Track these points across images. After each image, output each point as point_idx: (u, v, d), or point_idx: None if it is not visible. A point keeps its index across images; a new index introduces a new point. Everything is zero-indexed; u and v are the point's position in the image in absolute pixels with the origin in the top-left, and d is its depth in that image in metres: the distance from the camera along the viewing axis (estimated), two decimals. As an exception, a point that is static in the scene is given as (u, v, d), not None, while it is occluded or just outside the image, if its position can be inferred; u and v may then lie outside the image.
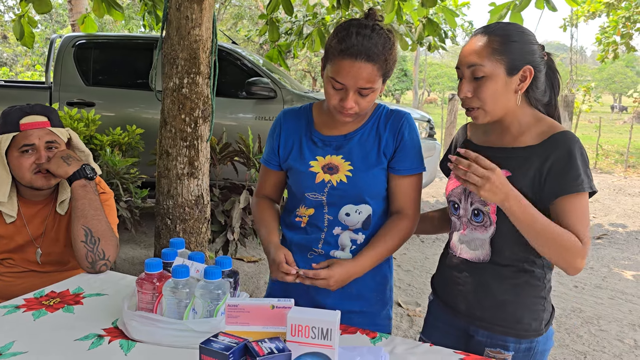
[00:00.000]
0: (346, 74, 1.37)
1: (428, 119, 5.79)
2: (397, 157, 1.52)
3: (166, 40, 2.93)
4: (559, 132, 1.33)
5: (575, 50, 19.22)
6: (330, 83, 1.42)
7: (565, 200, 1.30)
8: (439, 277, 1.60)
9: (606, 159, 12.20)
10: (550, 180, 1.31)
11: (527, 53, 1.33)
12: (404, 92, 34.75)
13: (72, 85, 5.05)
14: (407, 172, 1.53)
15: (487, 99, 1.34)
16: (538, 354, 1.42)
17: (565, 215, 1.30)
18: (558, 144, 1.31)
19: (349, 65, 1.36)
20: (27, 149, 1.75)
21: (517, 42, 1.33)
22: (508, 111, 1.38)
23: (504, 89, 1.34)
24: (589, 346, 3.21)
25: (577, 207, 1.30)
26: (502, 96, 1.34)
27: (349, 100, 1.40)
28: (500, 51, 1.32)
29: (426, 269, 4.55)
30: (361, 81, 1.38)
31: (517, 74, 1.33)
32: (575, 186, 1.28)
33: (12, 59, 26.15)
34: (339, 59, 1.37)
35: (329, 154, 1.54)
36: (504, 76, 1.33)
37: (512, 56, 1.32)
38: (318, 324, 1.03)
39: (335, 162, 1.52)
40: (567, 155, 1.29)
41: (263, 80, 4.80)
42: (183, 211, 3.01)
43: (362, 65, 1.36)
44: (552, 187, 1.31)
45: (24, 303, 1.48)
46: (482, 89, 1.34)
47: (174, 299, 1.27)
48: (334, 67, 1.39)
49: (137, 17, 13.91)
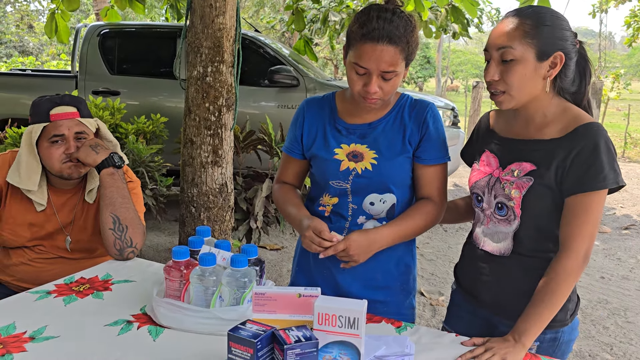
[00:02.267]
0: (368, 58, 1.36)
1: (452, 107, 5.72)
2: (423, 146, 1.52)
3: (190, 28, 2.94)
4: (583, 124, 1.29)
5: (604, 36, 18.76)
6: (353, 69, 1.41)
7: (582, 197, 1.27)
8: (462, 267, 1.58)
9: (635, 148, 11.92)
10: (572, 174, 1.28)
11: (559, 39, 1.29)
12: (427, 79, 34.37)
13: (97, 74, 5.11)
14: (433, 162, 1.53)
15: (515, 83, 1.30)
16: (563, 344, 1.40)
17: (574, 212, 1.28)
18: (582, 137, 1.27)
19: (371, 48, 1.36)
20: (56, 139, 1.78)
21: (549, 26, 1.28)
22: (534, 98, 1.34)
23: (533, 74, 1.30)
24: (615, 338, 3.16)
25: (590, 205, 1.27)
26: (530, 81, 1.31)
27: (373, 85, 1.39)
28: (531, 34, 1.27)
29: (449, 258, 4.52)
30: (384, 64, 1.37)
31: (548, 60, 1.29)
32: (596, 183, 1.25)
33: (38, 48, 26.59)
34: (361, 44, 1.37)
35: (353, 142, 1.53)
36: (533, 61, 1.29)
37: (544, 41, 1.28)
38: (345, 313, 1.03)
39: (360, 150, 1.52)
40: (591, 149, 1.25)
41: (286, 69, 4.79)
42: (207, 199, 3.04)
43: (384, 48, 1.35)
44: (572, 182, 1.28)
45: (54, 289, 1.52)
46: (510, 73, 1.30)
47: (201, 286, 1.28)
48: (356, 52, 1.38)
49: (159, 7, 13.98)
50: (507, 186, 1.36)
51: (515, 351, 1.23)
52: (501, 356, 1.21)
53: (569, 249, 1.28)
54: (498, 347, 1.24)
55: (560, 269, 1.28)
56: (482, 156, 1.48)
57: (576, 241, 1.27)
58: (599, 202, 1.27)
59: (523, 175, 1.34)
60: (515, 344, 1.25)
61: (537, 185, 1.32)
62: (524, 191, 1.33)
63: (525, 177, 1.33)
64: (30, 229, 1.83)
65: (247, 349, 0.98)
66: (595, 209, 1.27)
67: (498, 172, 1.40)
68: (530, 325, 1.27)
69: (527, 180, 1.33)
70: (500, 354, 1.22)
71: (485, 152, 1.47)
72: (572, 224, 1.28)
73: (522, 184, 1.33)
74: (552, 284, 1.28)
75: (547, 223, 1.35)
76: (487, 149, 1.47)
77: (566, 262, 1.28)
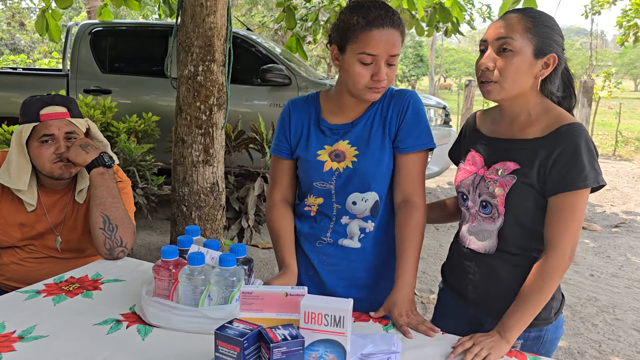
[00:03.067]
0: (377, 43, 1.38)
1: (444, 106, 5.75)
2: (400, 134, 1.51)
3: (181, 27, 2.94)
4: (565, 124, 1.31)
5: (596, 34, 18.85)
6: (358, 61, 1.41)
7: (565, 197, 1.30)
8: (449, 266, 1.60)
9: (626, 146, 12.01)
10: (554, 174, 1.30)
11: (554, 42, 1.33)
12: (420, 77, 34.43)
13: (88, 72, 5.09)
14: (410, 150, 1.51)
15: (509, 74, 1.33)
16: (547, 342, 1.43)
17: (559, 212, 1.30)
18: (564, 137, 1.30)
19: (378, 34, 1.38)
20: (46, 139, 1.78)
21: (548, 27, 1.33)
22: (521, 95, 1.37)
23: (527, 69, 1.33)
24: (603, 335, 3.20)
25: (574, 205, 1.29)
26: (523, 76, 1.33)
27: (382, 71, 1.41)
28: (532, 31, 1.31)
29: (440, 256, 4.55)
30: (391, 47, 1.40)
31: (542, 59, 1.33)
32: (578, 182, 1.28)
33: (29, 46, 26.41)
34: (367, 31, 1.39)
35: (336, 141, 1.54)
36: (530, 56, 1.32)
37: (542, 39, 1.32)
38: (331, 311, 1.05)
39: (342, 148, 1.52)
40: (572, 149, 1.28)
41: (277, 67, 4.79)
42: (198, 198, 3.04)
43: (389, 31, 1.39)
44: (554, 182, 1.30)
45: (44, 288, 1.52)
46: (507, 63, 1.32)
47: (190, 285, 1.29)
48: (362, 41, 1.39)
49: (152, 4, 13.92)
50: (491, 184, 1.38)
51: (499, 346, 1.26)
52: (488, 350, 1.24)
53: (554, 247, 1.30)
54: (485, 341, 1.26)
55: (546, 268, 1.30)
56: (467, 155, 1.50)
57: (561, 240, 1.30)
58: (581, 201, 1.30)
59: (507, 174, 1.36)
60: (500, 339, 1.28)
61: (520, 183, 1.34)
62: (507, 189, 1.35)
63: (509, 176, 1.36)
64: (20, 229, 1.83)
65: (234, 348, 0.99)
66: (578, 208, 1.30)
67: (483, 171, 1.42)
68: (515, 322, 1.29)
69: (510, 178, 1.35)
70: (487, 347, 1.25)
71: (470, 151, 1.49)
72: (556, 223, 1.31)
73: (505, 182, 1.36)
74: (538, 282, 1.31)
75: (530, 221, 1.37)
76: (473, 148, 1.49)
77: (552, 261, 1.30)
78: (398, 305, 1.39)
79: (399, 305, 1.40)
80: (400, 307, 1.39)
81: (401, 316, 1.37)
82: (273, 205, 1.64)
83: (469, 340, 1.28)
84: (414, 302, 1.42)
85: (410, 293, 1.43)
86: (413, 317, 1.37)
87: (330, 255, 1.58)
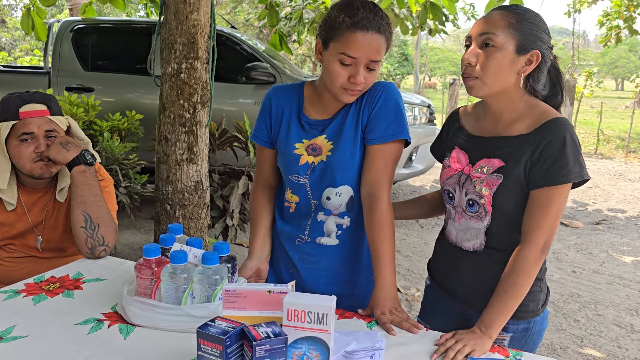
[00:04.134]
0: (359, 46, 1.36)
1: (428, 104, 5.77)
2: (369, 125, 1.48)
3: (164, 24, 2.92)
4: (550, 119, 1.32)
5: (578, 34, 19.06)
6: (338, 60, 1.39)
7: (546, 191, 1.30)
8: (436, 262, 1.61)
9: (607, 145, 12.17)
10: (537, 168, 1.31)
11: (538, 39, 1.33)
12: (405, 76, 34.54)
13: (70, 70, 5.03)
14: (378, 141, 1.48)
15: (490, 70, 1.33)
16: (535, 333, 1.44)
17: (536, 205, 1.31)
18: (549, 132, 1.30)
19: (361, 36, 1.36)
20: (26, 138, 1.75)
21: (532, 24, 1.33)
22: (504, 92, 1.37)
23: (509, 65, 1.33)
24: (585, 330, 3.24)
25: (552, 199, 1.30)
26: (505, 71, 1.34)
27: (360, 75, 1.39)
28: (515, 27, 1.32)
29: (425, 254, 4.57)
30: (373, 53, 1.38)
31: (525, 55, 1.33)
32: (560, 177, 1.28)
33: (10, 43, 26.03)
34: (350, 32, 1.36)
35: (315, 136, 1.53)
36: (512, 52, 1.32)
37: (525, 36, 1.32)
38: (314, 309, 1.04)
39: (319, 143, 1.52)
40: (557, 143, 1.29)
41: (262, 65, 4.78)
42: (182, 197, 3.02)
43: (373, 36, 1.37)
44: (537, 176, 1.31)
45: (24, 288, 1.50)
46: (489, 59, 1.33)
47: (172, 284, 1.28)
48: (344, 41, 1.37)
49: (135, 1, 13.80)
50: (477, 184, 1.39)
51: (482, 342, 1.27)
52: (471, 346, 1.25)
53: (528, 240, 1.31)
54: (467, 338, 1.27)
55: (520, 260, 1.31)
56: (452, 152, 1.50)
57: (536, 233, 1.31)
58: (561, 196, 1.31)
59: (492, 172, 1.36)
60: (482, 335, 1.28)
61: (507, 182, 1.35)
62: (494, 189, 1.36)
63: (495, 175, 1.36)
64: (0, 229, 1.80)
65: (217, 346, 0.99)
66: (557, 203, 1.30)
67: (468, 169, 1.43)
68: (495, 317, 1.30)
69: (496, 177, 1.36)
70: (470, 344, 1.25)
71: (455, 148, 1.49)
72: (533, 216, 1.32)
73: (492, 182, 1.36)
74: (513, 276, 1.31)
75: (518, 218, 1.37)
76: (457, 145, 1.49)
77: (526, 253, 1.31)
78: (380, 305, 1.39)
79: (380, 304, 1.39)
80: (382, 305, 1.39)
81: (383, 314, 1.37)
82: (254, 190, 1.68)
83: (451, 337, 1.28)
84: (397, 299, 1.42)
85: (392, 290, 1.42)
86: (396, 315, 1.37)
87: (309, 254, 1.57)
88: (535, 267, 1.32)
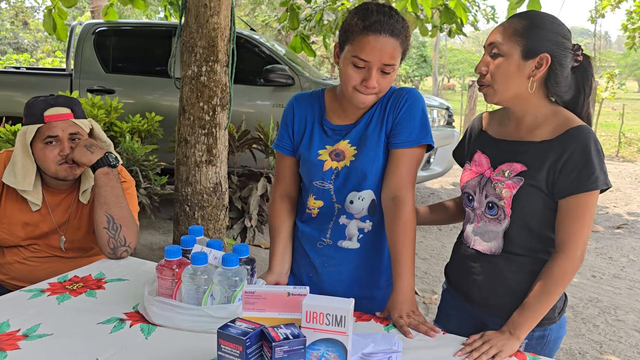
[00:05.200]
0: (371, 50, 1.37)
1: (447, 107, 5.75)
2: (395, 130, 1.50)
3: (185, 28, 2.95)
4: (574, 127, 1.32)
5: (600, 35, 18.81)
6: (351, 63, 1.40)
7: (575, 199, 1.31)
8: (453, 266, 1.61)
9: (629, 147, 11.98)
10: (564, 177, 1.31)
11: (549, 41, 1.32)
12: (423, 78, 34.39)
13: (92, 72, 5.11)
14: (402, 145, 1.49)
15: (498, 77, 1.36)
16: (551, 341, 1.43)
17: (570, 214, 1.32)
18: (573, 139, 1.30)
19: (373, 40, 1.36)
20: (51, 141, 1.79)
21: (541, 28, 1.33)
22: (519, 97, 1.37)
23: (516, 71, 1.34)
24: (605, 336, 3.20)
25: (585, 207, 1.31)
26: (513, 78, 1.35)
27: (372, 79, 1.39)
28: (521, 34, 1.33)
29: (443, 257, 4.55)
30: (386, 56, 1.38)
31: (533, 60, 1.33)
32: (589, 185, 1.29)
33: (32, 45, 26.47)
34: (363, 36, 1.37)
35: (337, 141, 1.54)
36: (517, 58, 1.33)
37: (531, 41, 1.32)
38: (332, 311, 1.06)
39: (342, 148, 1.53)
40: (582, 151, 1.29)
41: (281, 67, 4.80)
42: (201, 198, 3.05)
43: (386, 40, 1.37)
44: (565, 184, 1.31)
45: (48, 287, 1.53)
46: (495, 67, 1.36)
47: (193, 285, 1.30)
48: (357, 44, 1.38)
49: (155, 3, 13.95)
50: (497, 186, 1.39)
51: (510, 343, 1.28)
52: (498, 347, 1.26)
53: (565, 249, 1.32)
54: (495, 339, 1.28)
55: (557, 269, 1.32)
56: (474, 156, 1.50)
57: (572, 242, 1.31)
58: (591, 203, 1.31)
59: (514, 176, 1.36)
60: (510, 337, 1.29)
61: (528, 185, 1.35)
62: (514, 191, 1.36)
63: (516, 178, 1.36)
64: (25, 229, 1.84)
65: (237, 346, 1.00)
66: (589, 210, 1.31)
67: (489, 172, 1.43)
68: (525, 320, 1.31)
69: (517, 180, 1.36)
70: (498, 345, 1.26)
71: (477, 152, 1.50)
72: (567, 225, 1.32)
73: (512, 184, 1.36)
74: (548, 283, 1.32)
75: (536, 223, 1.38)
76: (479, 149, 1.50)
77: (562, 263, 1.32)
78: (397, 308, 1.40)
79: (398, 307, 1.40)
80: (400, 309, 1.39)
81: (401, 317, 1.37)
82: (273, 201, 1.68)
83: (479, 338, 1.29)
84: (414, 302, 1.42)
85: (410, 294, 1.43)
86: (414, 318, 1.37)
87: (330, 257, 1.58)
88: (572, 276, 1.33)
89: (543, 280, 1.33)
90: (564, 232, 1.33)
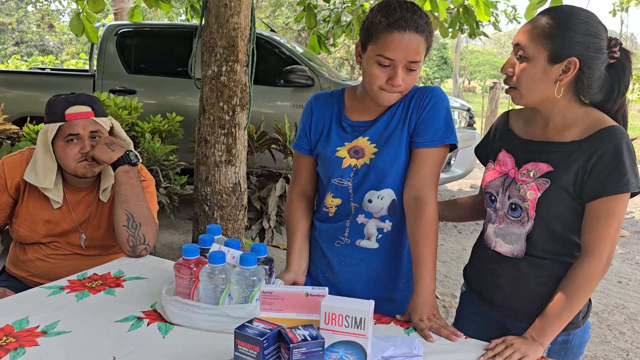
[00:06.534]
0: (396, 47, 1.34)
1: (468, 108, 5.69)
2: (418, 129, 1.47)
3: (205, 28, 2.96)
4: (605, 127, 1.27)
5: (625, 36, 18.46)
6: (376, 62, 1.38)
7: (605, 202, 1.25)
8: (473, 268, 1.57)
9: (655, 151, 11.74)
10: (593, 178, 1.26)
11: (578, 44, 1.25)
12: (444, 80, 34.16)
13: (114, 73, 5.16)
14: (425, 145, 1.46)
15: (523, 81, 1.31)
16: (575, 346, 1.39)
17: (598, 217, 1.27)
18: (604, 140, 1.25)
19: (398, 37, 1.34)
20: (72, 138, 1.80)
21: (570, 29, 1.25)
22: (546, 101, 1.33)
23: (542, 75, 1.29)
24: (631, 343, 3.12)
25: (614, 210, 1.26)
26: (538, 83, 1.30)
27: (398, 77, 1.37)
28: (548, 36, 1.26)
29: (463, 260, 4.49)
30: (411, 53, 1.35)
31: (560, 64, 1.27)
32: (619, 187, 1.24)
33: (57, 47, 26.96)
34: (387, 33, 1.35)
35: (356, 138, 1.52)
36: (543, 62, 1.28)
37: (559, 44, 1.26)
38: (352, 312, 1.03)
39: (361, 145, 1.50)
40: (614, 152, 1.23)
41: (301, 68, 4.80)
42: (221, 198, 3.06)
43: (411, 36, 1.35)
44: (594, 186, 1.26)
45: (67, 284, 1.54)
46: (521, 71, 1.31)
47: (211, 284, 1.29)
48: (382, 42, 1.36)
49: (177, 5, 14.09)
50: (522, 187, 1.35)
51: (534, 348, 1.24)
52: (522, 353, 1.22)
53: (591, 253, 1.27)
54: (518, 344, 1.24)
55: (582, 273, 1.27)
56: (498, 155, 1.46)
57: (599, 246, 1.27)
58: (621, 206, 1.26)
59: (539, 177, 1.32)
60: (533, 342, 1.25)
61: (554, 187, 1.30)
62: (539, 193, 1.32)
63: (542, 179, 1.32)
64: (45, 226, 1.86)
65: (254, 347, 0.99)
66: (618, 213, 1.26)
67: (514, 172, 1.39)
68: (549, 325, 1.27)
69: (543, 182, 1.31)
70: (521, 350, 1.22)
71: (501, 151, 1.46)
72: (595, 228, 1.27)
73: (538, 186, 1.32)
74: (574, 288, 1.28)
75: (560, 226, 1.34)
76: (504, 148, 1.46)
77: (589, 267, 1.27)
78: (418, 311, 1.37)
79: (418, 310, 1.37)
80: (421, 312, 1.36)
81: (421, 321, 1.34)
82: (290, 200, 1.67)
83: (501, 342, 1.25)
84: (435, 305, 1.39)
85: (431, 297, 1.40)
86: (435, 321, 1.34)
87: (348, 256, 1.56)
88: (597, 281, 1.28)
89: (567, 286, 1.29)
90: (590, 236, 1.28)
